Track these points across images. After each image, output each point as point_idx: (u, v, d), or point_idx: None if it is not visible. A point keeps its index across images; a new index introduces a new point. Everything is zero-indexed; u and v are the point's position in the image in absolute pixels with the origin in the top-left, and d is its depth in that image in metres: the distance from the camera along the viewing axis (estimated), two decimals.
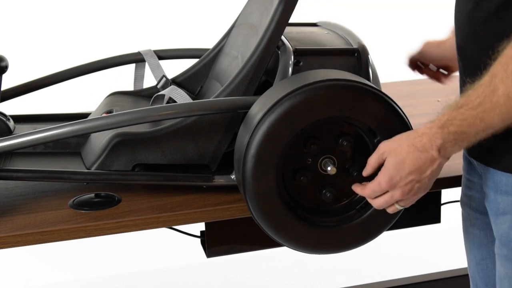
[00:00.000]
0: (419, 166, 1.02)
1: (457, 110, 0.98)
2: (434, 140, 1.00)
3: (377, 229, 1.20)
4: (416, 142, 1.02)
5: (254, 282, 2.52)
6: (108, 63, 1.60)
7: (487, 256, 1.23)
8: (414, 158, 1.02)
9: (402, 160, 1.03)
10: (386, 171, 1.04)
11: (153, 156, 1.28)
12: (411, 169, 1.03)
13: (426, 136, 1.01)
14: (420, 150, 1.01)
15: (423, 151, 1.01)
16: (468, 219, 1.26)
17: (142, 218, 1.23)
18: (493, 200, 1.10)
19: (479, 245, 1.24)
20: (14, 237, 1.17)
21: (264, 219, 1.16)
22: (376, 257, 2.54)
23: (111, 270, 2.58)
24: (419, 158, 1.02)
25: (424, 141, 1.01)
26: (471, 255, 1.27)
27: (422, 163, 1.02)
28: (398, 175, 1.03)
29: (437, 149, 1.00)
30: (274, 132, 1.12)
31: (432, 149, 1.01)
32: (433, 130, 1.01)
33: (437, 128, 1.00)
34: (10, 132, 1.37)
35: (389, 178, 1.04)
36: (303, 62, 1.26)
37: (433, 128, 1.01)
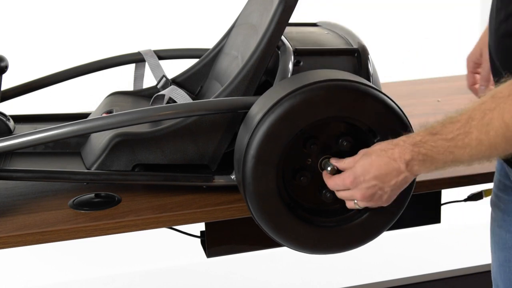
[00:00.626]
0: (385, 173, 1.04)
1: (431, 136, 1.00)
2: (404, 154, 1.02)
3: (377, 229, 1.20)
4: (388, 149, 1.04)
5: (254, 282, 2.52)
6: (108, 63, 1.60)
7: (511, 259, 1.22)
8: (382, 163, 1.04)
9: (370, 163, 1.05)
10: (353, 170, 1.07)
11: (153, 156, 1.28)
12: (376, 173, 1.05)
13: (398, 147, 1.03)
14: (389, 157, 1.04)
15: (391, 159, 1.03)
16: (496, 220, 1.25)
17: (142, 218, 1.23)
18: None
19: (504, 247, 1.23)
20: (14, 237, 1.17)
21: (264, 219, 1.16)
22: (376, 257, 2.54)
23: (111, 270, 2.58)
24: (386, 165, 1.04)
25: (394, 151, 1.03)
26: (495, 256, 1.26)
27: (389, 171, 1.04)
28: (362, 176, 1.06)
29: (405, 162, 1.02)
30: (274, 132, 1.12)
31: (401, 161, 1.03)
32: (406, 145, 1.03)
33: (409, 145, 1.02)
34: (10, 132, 1.37)
35: (354, 177, 1.06)
36: (303, 62, 1.26)
37: (406, 142, 1.03)
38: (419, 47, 3.47)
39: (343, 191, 1.10)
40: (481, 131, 0.95)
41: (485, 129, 0.94)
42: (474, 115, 0.96)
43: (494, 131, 0.93)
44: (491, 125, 0.94)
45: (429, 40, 3.32)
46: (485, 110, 0.95)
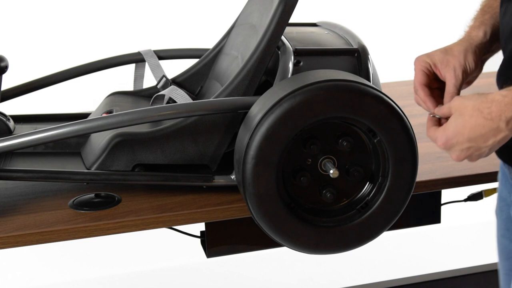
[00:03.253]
0: (481, 134, 0.94)
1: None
2: (505, 111, 0.91)
3: (377, 229, 1.20)
4: (482, 107, 0.94)
5: (254, 282, 2.52)
6: (108, 63, 1.60)
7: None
8: (477, 124, 0.94)
9: (463, 124, 0.96)
10: (444, 131, 0.99)
11: (153, 156, 1.28)
12: (470, 136, 0.95)
13: (496, 104, 0.92)
14: (486, 118, 0.93)
15: (488, 119, 0.93)
16: (500, 229, 1.23)
17: (142, 218, 1.23)
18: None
19: (508, 256, 1.21)
20: (14, 237, 1.17)
21: (264, 220, 1.16)
22: (376, 257, 2.54)
23: (111, 270, 2.58)
24: (482, 125, 0.94)
25: (492, 109, 0.92)
26: (501, 265, 1.25)
27: (485, 132, 0.94)
28: (455, 138, 0.97)
29: (505, 120, 0.92)
30: (274, 133, 1.12)
31: (500, 120, 0.92)
32: (507, 99, 0.91)
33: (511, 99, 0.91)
34: (10, 132, 1.37)
35: (446, 139, 0.99)
36: (303, 62, 1.26)
37: (507, 97, 0.92)
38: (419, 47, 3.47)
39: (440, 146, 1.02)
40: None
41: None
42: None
43: None
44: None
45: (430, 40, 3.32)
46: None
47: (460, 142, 0.97)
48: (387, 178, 1.17)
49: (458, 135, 0.97)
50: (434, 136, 1.02)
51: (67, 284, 2.51)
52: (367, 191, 1.20)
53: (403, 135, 1.15)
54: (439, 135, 1.00)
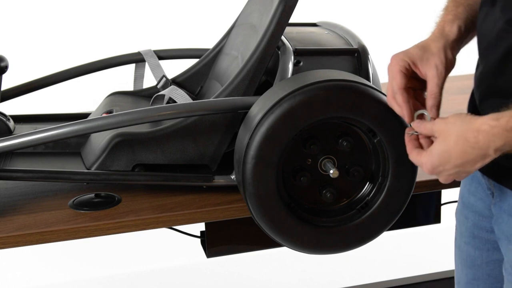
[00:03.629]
0: (468, 160, 0.94)
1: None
2: (494, 141, 0.90)
3: (377, 229, 1.20)
4: (469, 136, 0.92)
5: (254, 281, 2.52)
6: (108, 63, 1.60)
7: (480, 278, 1.18)
8: (463, 152, 0.93)
9: (448, 151, 0.94)
10: (430, 158, 0.97)
11: (153, 156, 1.28)
12: (456, 163, 0.94)
13: (483, 134, 0.91)
14: (472, 147, 0.92)
15: (475, 148, 0.92)
16: (463, 236, 1.21)
17: (142, 218, 1.23)
18: (506, 223, 1.05)
19: (472, 265, 1.19)
20: (14, 237, 1.17)
21: (264, 220, 1.16)
22: (376, 257, 2.54)
23: (111, 270, 2.58)
24: (468, 153, 0.93)
25: (479, 138, 0.91)
26: (462, 273, 1.22)
27: (472, 159, 0.93)
28: (441, 166, 0.96)
29: (494, 149, 0.91)
30: (274, 133, 1.12)
31: (489, 148, 0.91)
32: (496, 130, 0.90)
33: (502, 130, 0.90)
34: (10, 132, 1.37)
35: (432, 166, 0.97)
36: (303, 62, 1.26)
37: (496, 128, 0.90)
38: None
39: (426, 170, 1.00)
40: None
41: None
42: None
43: None
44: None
45: None
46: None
47: (447, 169, 0.97)
48: (387, 178, 1.17)
49: (445, 163, 0.96)
50: (418, 161, 1.00)
51: (67, 284, 2.50)
52: (367, 191, 1.20)
53: (403, 135, 1.15)
54: (424, 161, 0.99)
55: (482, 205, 1.14)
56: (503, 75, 0.98)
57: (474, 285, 1.20)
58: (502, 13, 0.97)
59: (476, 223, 1.17)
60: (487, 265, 1.16)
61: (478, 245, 1.17)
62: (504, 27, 0.97)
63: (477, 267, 1.18)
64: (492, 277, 1.17)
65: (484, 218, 1.15)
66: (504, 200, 1.06)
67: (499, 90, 1.00)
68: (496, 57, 0.99)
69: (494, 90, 1.01)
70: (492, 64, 1.00)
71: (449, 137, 0.95)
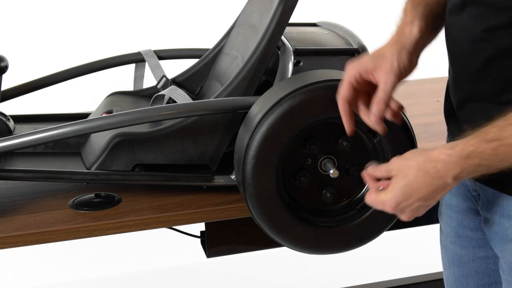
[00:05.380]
0: (429, 192, 0.95)
1: (486, 144, 0.90)
2: (452, 169, 0.92)
3: (377, 229, 1.20)
4: (428, 167, 0.94)
5: (254, 281, 2.52)
6: (108, 63, 1.60)
7: (468, 274, 1.19)
8: (424, 183, 0.94)
9: (410, 185, 0.95)
10: (393, 194, 0.97)
11: (153, 156, 1.28)
12: (419, 195, 0.96)
13: (441, 163, 0.92)
14: (433, 177, 0.93)
15: (435, 177, 0.93)
16: (448, 235, 1.21)
17: (142, 218, 1.23)
18: (499, 225, 1.05)
19: (460, 263, 1.20)
20: (14, 237, 1.17)
21: (264, 220, 1.16)
22: (376, 257, 2.54)
23: (111, 270, 2.58)
24: (430, 184, 0.94)
25: (438, 168, 0.93)
26: (450, 271, 1.23)
27: (433, 189, 0.95)
28: (405, 202, 0.97)
29: (453, 177, 0.92)
30: (274, 133, 1.12)
31: (448, 177, 0.92)
32: (453, 158, 0.91)
33: (459, 158, 0.91)
34: (10, 132, 1.37)
35: (395, 203, 0.97)
36: (303, 62, 1.26)
37: (452, 156, 0.92)
38: None
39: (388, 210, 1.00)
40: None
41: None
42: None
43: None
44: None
45: None
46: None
47: (409, 204, 0.97)
48: None
49: (408, 198, 0.96)
50: (380, 200, 0.99)
51: (67, 284, 2.50)
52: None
53: (403, 135, 1.15)
54: (388, 199, 0.98)
55: (466, 205, 1.15)
56: (483, 81, 0.98)
57: (463, 282, 1.21)
58: (476, 23, 0.97)
59: (460, 222, 1.18)
60: (474, 262, 1.17)
61: (464, 243, 1.18)
62: (482, 36, 0.96)
63: (465, 265, 1.19)
64: (479, 273, 1.18)
65: (468, 218, 1.16)
66: (493, 202, 1.06)
67: (479, 94, 0.99)
68: (475, 65, 0.98)
69: (473, 95, 1.01)
70: (471, 71, 1.00)
71: (409, 172, 0.95)
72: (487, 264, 1.17)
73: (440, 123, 1.16)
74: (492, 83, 0.97)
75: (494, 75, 0.96)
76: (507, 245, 1.05)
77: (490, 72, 0.97)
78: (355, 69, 1.05)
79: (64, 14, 3.10)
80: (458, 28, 1.02)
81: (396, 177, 0.97)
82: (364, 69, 1.05)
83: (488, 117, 0.91)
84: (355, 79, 1.04)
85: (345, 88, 1.05)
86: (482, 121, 0.91)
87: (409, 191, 0.96)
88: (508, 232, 1.04)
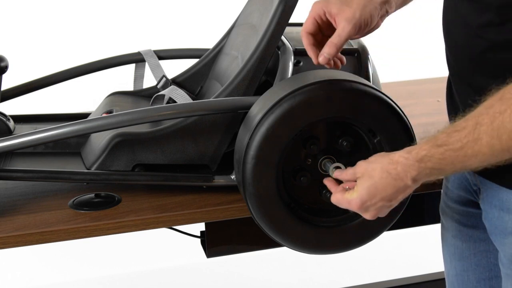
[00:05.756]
0: (392, 193, 1.01)
1: (436, 148, 0.96)
2: (409, 171, 0.98)
3: (377, 229, 1.20)
4: (390, 169, 1.00)
5: (254, 281, 2.52)
6: (108, 63, 1.60)
7: (469, 268, 1.21)
8: (387, 184, 1.00)
9: (375, 186, 1.01)
10: (358, 195, 1.03)
11: (153, 156, 1.28)
12: (382, 195, 1.01)
13: (401, 165, 0.99)
14: (394, 178, 1.00)
15: (397, 179, 1.00)
16: (449, 230, 1.24)
17: (142, 218, 1.23)
18: (498, 218, 1.07)
19: (461, 257, 1.22)
20: (14, 237, 1.17)
21: (264, 220, 1.16)
22: (376, 257, 2.54)
23: (111, 270, 2.58)
24: (392, 185, 1.00)
25: (398, 170, 0.99)
26: (451, 265, 1.25)
27: (395, 190, 1.01)
28: (369, 201, 1.02)
29: (411, 179, 0.99)
30: (274, 133, 1.12)
31: (407, 179, 0.99)
32: (409, 161, 0.98)
33: (414, 161, 0.98)
34: (10, 132, 1.37)
35: (361, 202, 1.03)
36: (303, 62, 1.26)
37: (409, 159, 0.98)
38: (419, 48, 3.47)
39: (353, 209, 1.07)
40: (493, 136, 0.90)
41: (496, 134, 0.90)
42: (481, 120, 0.91)
43: (507, 135, 0.89)
44: (504, 129, 0.89)
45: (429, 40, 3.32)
46: (494, 114, 0.90)
47: (374, 203, 1.02)
48: None
49: (372, 198, 1.02)
50: (345, 199, 1.05)
51: (67, 284, 2.50)
52: None
53: (403, 135, 1.15)
54: (354, 198, 1.04)
55: (467, 199, 1.17)
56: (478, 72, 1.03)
57: (464, 276, 1.22)
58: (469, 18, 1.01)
59: (462, 216, 1.20)
60: (475, 256, 1.19)
61: (465, 237, 1.20)
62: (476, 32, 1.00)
63: (466, 259, 1.21)
64: (480, 266, 1.20)
65: (469, 212, 1.18)
66: (493, 196, 1.08)
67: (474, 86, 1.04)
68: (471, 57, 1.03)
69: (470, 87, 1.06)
70: (467, 63, 1.05)
71: (374, 173, 1.01)
72: (487, 258, 1.19)
73: (440, 123, 1.16)
74: (485, 74, 1.01)
75: (487, 67, 1.00)
76: (507, 238, 1.06)
77: (483, 64, 1.01)
78: (321, 7, 1.11)
79: (64, 14, 3.10)
80: (454, 23, 1.06)
81: (361, 178, 1.03)
82: (328, 10, 1.11)
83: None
84: (319, 16, 1.11)
85: (309, 22, 1.12)
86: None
87: (373, 191, 1.01)
88: (508, 225, 1.05)
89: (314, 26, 1.12)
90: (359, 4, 1.09)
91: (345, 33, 1.09)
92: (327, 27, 1.12)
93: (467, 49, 1.04)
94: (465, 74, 1.06)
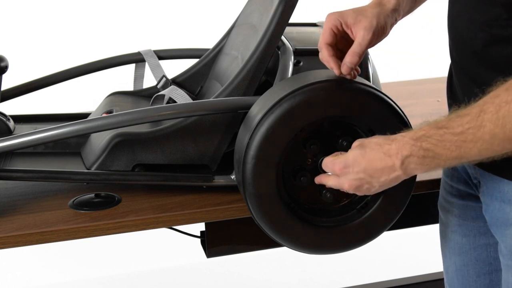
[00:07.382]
0: (376, 169, 1.00)
1: (435, 130, 0.95)
2: (402, 149, 0.97)
3: (377, 229, 1.20)
4: (383, 143, 0.99)
5: (254, 281, 2.52)
6: (108, 63, 1.60)
7: (468, 263, 1.22)
8: (375, 157, 0.99)
9: (363, 155, 1.00)
10: (345, 158, 1.03)
11: (153, 156, 1.28)
12: (366, 166, 1.00)
13: (396, 142, 0.98)
14: (384, 153, 0.99)
15: (386, 154, 0.98)
16: (449, 225, 1.24)
17: (142, 218, 1.23)
18: (500, 210, 1.07)
19: (460, 251, 1.22)
20: (14, 237, 1.17)
21: (264, 220, 1.16)
22: (376, 257, 2.54)
23: (111, 270, 2.58)
24: (380, 159, 0.99)
25: (392, 147, 0.98)
26: (450, 261, 1.25)
27: (381, 167, 0.99)
28: (351, 167, 1.01)
29: (401, 159, 0.97)
30: (274, 133, 1.12)
31: (396, 158, 0.97)
32: (405, 139, 0.97)
33: (409, 139, 0.97)
34: (10, 132, 1.37)
35: (344, 165, 1.02)
36: (303, 62, 1.26)
37: (405, 137, 0.97)
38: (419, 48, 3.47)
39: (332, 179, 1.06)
40: (497, 125, 0.89)
41: (501, 122, 0.89)
42: (486, 109, 0.90)
43: (511, 124, 0.88)
44: (509, 118, 0.88)
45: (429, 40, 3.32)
46: (500, 103, 0.89)
47: (355, 171, 1.01)
48: None
49: (355, 164, 1.01)
50: (332, 162, 1.05)
51: (67, 284, 2.51)
52: None
53: None
54: (338, 161, 1.04)
55: (467, 193, 1.18)
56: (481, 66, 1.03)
57: (464, 271, 1.23)
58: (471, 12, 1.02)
59: (462, 211, 1.20)
60: (475, 250, 1.19)
61: (465, 232, 1.21)
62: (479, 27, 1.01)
63: (465, 253, 1.21)
64: (480, 261, 1.21)
65: (469, 206, 1.18)
66: (493, 188, 1.08)
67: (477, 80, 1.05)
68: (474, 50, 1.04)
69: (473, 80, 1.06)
70: (470, 57, 1.05)
71: (367, 144, 1.02)
72: (487, 252, 1.19)
73: None
74: (488, 68, 1.02)
75: (491, 61, 1.01)
76: (508, 229, 1.07)
77: (487, 58, 1.01)
78: (336, 18, 1.11)
79: (64, 14, 3.10)
80: (459, 16, 1.07)
81: (355, 147, 1.04)
82: (344, 21, 1.11)
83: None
84: (336, 27, 1.11)
85: (327, 33, 1.11)
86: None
87: (359, 159, 1.01)
88: (509, 216, 1.06)
89: (332, 37, 1.11)
90: (373, 13, 1.10)
91: (366, 41, 1.09)
92: (341, 39, 1.12)
93: (471, 42, 1.04)
94: (468, 68, 1.06)
